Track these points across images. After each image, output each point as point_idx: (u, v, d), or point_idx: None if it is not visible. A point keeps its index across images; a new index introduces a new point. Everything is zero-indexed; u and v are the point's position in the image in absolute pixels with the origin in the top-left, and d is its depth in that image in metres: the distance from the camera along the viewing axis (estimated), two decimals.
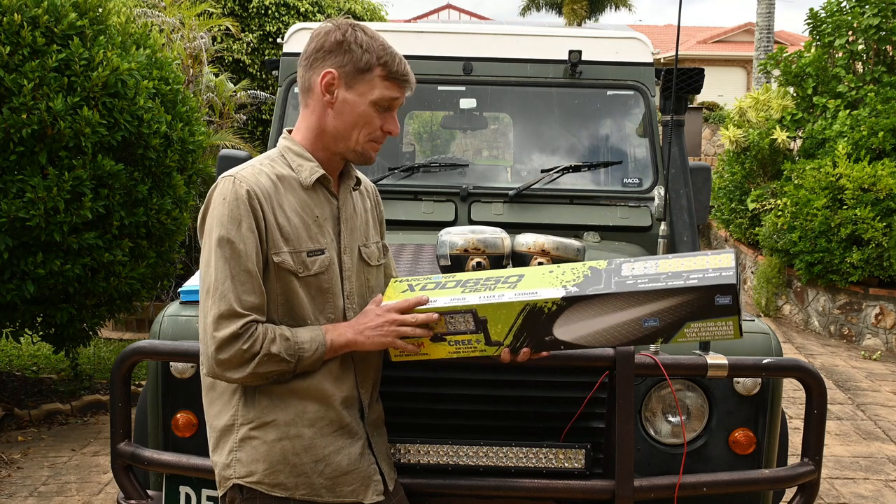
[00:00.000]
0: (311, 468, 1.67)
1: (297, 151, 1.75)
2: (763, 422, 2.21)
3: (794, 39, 21.58)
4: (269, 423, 1.66)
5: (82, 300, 4.38)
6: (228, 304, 1.57)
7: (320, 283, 1.70)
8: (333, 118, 1.71)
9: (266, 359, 1.58)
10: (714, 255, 1.65)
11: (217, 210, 1.62)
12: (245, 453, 1.66)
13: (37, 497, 3.72)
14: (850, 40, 8.46)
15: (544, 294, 1.63)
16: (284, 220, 1.66)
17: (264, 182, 1.66)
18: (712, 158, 15.17)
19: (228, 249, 1.59)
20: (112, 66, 4.07)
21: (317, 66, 1.71)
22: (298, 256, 1.66)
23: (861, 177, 7.12)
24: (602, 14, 28.38)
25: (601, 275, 1.66)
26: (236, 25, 10.16)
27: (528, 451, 2.09)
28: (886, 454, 4.59)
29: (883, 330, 7.27)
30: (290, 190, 1.70)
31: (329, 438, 1.70)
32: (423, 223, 3.26)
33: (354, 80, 1.69)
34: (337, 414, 1.71)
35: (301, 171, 1.72)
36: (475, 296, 1.67)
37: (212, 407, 1.73)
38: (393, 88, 1.71)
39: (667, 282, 1.59)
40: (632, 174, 3.45)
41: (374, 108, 1.70)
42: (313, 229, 1.71)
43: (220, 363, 1.58)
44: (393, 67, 1.70)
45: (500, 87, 3.54)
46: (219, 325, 1.57)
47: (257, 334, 1.58)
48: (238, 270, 1.59)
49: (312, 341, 1.63)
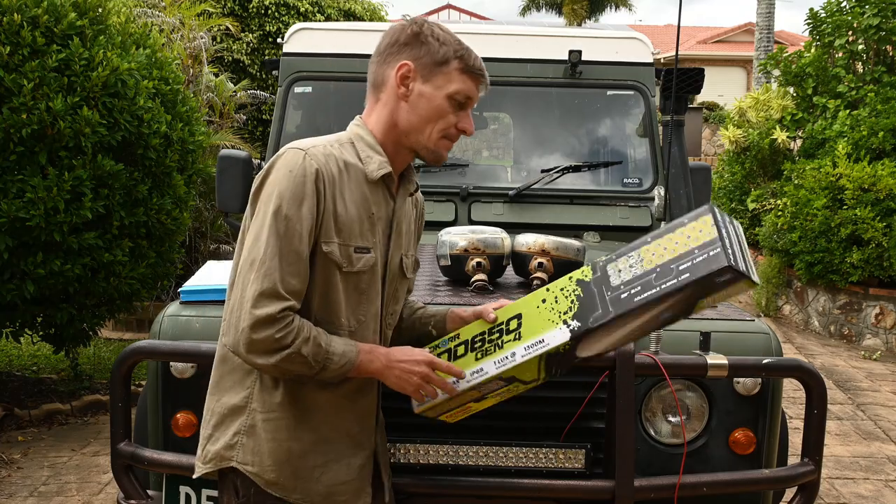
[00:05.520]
0: (311, 474, 1.65)
1: (369, 142, 1.69)
2: (763, 422, 2.21)
3: (794, 39, 21.58)
4: (283, 420, 1.62)
5: (82, 300, 4.38)
6: (272, 283, 1.51)
7: (359, 281, 1.65)
8: (408, 112, 1.66)
9: (294, 356, 1.52)
10: (692, 221, 1.56)
11: (281, 181, 1.55)
12: (253, 441, 1.62)
13: (37, 497, 3.72)
14: (850, 40, 8.47)
15: (552, 341, 1.62)
16: (343, 209, 1.60)
17: (332, 166, 1.60)
18: (712, 158, 15.18)
19: (284, 225, 1.52)
20: (112, 66, 4.06)
21: (391, 60, 1.67)
22: (346, 250, 1.61)
23: (861, 177, 7.12)
24: (602, 14, 28.42)
25: (593, 293, 1.61)
26: (236, 25, 10.16)
27: (528, 451, 2.09)
28: (886, 454, 4.58)
29: (883, 330, 7.27)
30: (353, 180, 1.64)
31: (336, 446, 1.67)
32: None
33: (431, 73, 1.65)
34: (350, 424, 1.69)
35: (369, 164, 1.66)
36: (490, 363, 1.66)
37: (223, 380, 1.67)
38: (469, 83, 1.67)
39: (660, 285, 1.54)
40: (632, 174, 3.45)
41: (449, 102, 1.66)
42: (366, 226, 1.65)
43: (249, 343, 1.50)
44: (470, 62, 1.67)
45: (500, 87, 3.53)
46: (258, 303, 1.50)
47: (293, 326, 1.52)
48: (289, 250, 1.52)
49: (343, 356, 1.57)
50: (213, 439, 1.66)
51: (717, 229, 1.52)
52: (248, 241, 1.57)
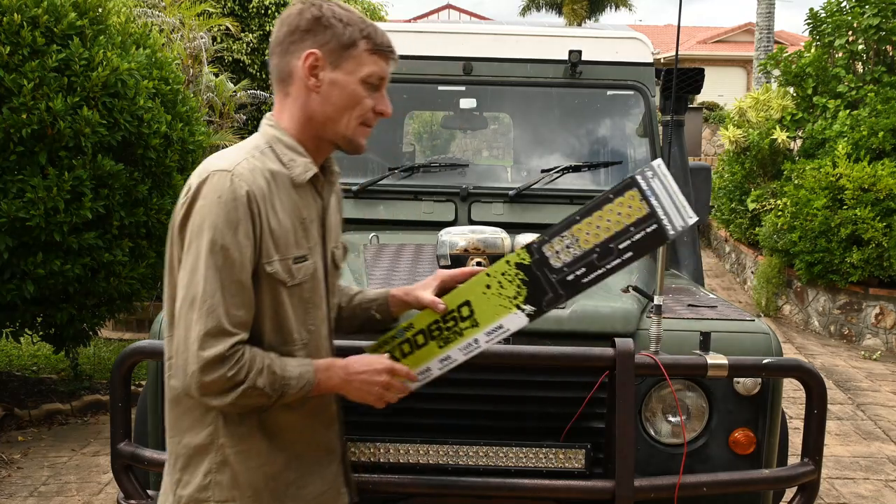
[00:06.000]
0: (288, 493, 1.60)
1: (288, 144, 1.57)
2: (763, 422, 2.21)
3: (794, 39, 21.58)
4: (254, 448, 1.55)
5: (82, 300, 4.38)
6: (217, 320, 1.42)
7: (303, 292, 1.56)
8: (321, 103, 1.55)
9: (249, 391, 1.45)
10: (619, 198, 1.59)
11: (211, 209, 1.44)
12: (227, 476, 1.54)
13: (37, 497, 3.72)
14: (850, 40, 8.47)
15: (511, 326, 1.66)
16: (277, 223, 1.51)
17: (260, 180, 1.49)
18: (712, 158, 15.18)
19: (221, 257, 1.43)
20: (112, 66, 4.07)
21: (294, 50, 1.55)
22: (286, 264, 1.52)
23: (861, 177, 7.12)
24: (602, 14, 28.39)
25: (537, 276, 1.64)
26: (236, 25, 10.16)
27: (528, 451, 2.09)
28: (886, 454, 4.58)
29: (883, 330, 7.27)
30: (282, 188, 1.53)
31: (309, 461, 1.63)
32: (423, 223, 3.26)
33: (340, 59, 1.54)
34: (318, 434, 1.65)
35: (294, 168, 1.55)
36: (455, 349, 1.68)
37: (180, 421, 1.57)
38: (381, 62, 1.57)
39: (605, 266, 1.59)
40: (632, 174, 3.45)
41: (364, 86, 1.56)
42: (300, 233, 1.56)
43: (201, 386, 1.43)
44: (378, 40, 1.57)
45: (500, 87, 3.54)
46: (204, 343, 1.42)
47: (245, 361, 1.44)
48: (230, 281, 1.43)
49: (300, 378, 1.50)
50: (182, 483, 1.57)
51: (648, 202, 1.55)
52: (184, 276, 1.47)
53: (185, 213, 1.48)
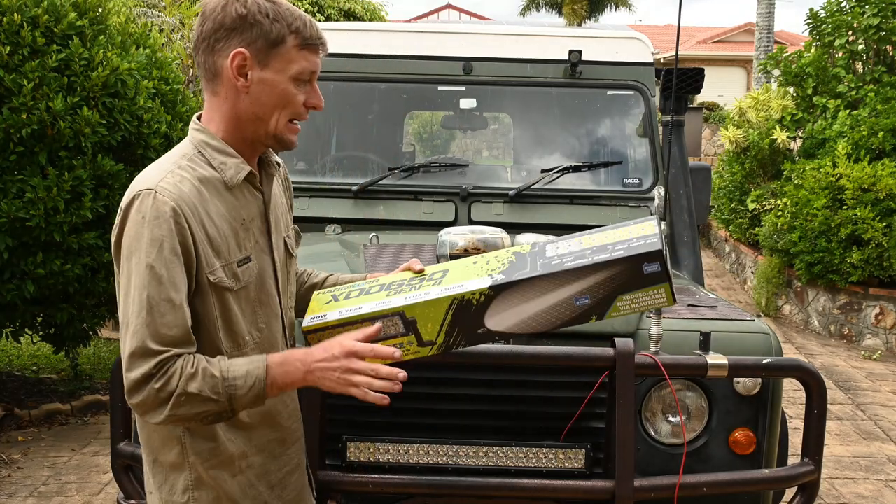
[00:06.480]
0: (269, 494, 1.59)
1: (217, 147, 1.52)
2: (763, 422, 2.22)
3: (794, 39, 21.58)
4: (224, 461, 1.52)
5: (82, 300, 4.38)
6: (140, 342, 1.38)
7: (249, 293, 1.53)
8: (251, 104, 1.50)
9: (184, 399, 1.38)
10: (637, 223, 1.59)
11: (135, 231, 1.41)
12: (205, 493, 1.52)
13: (37, 497, 3.72)
14: (850, 40, 8.47)
15: (471, 286, 1.55)
16: (214, 230, 1.47)
17: (188, 191, 1.44)
18: (712, 158, 15.18)
19: (148, 276, 1.39)
20: (112, 66, 4.07)
21: (221, 49, 1.48)
22: (230, 269, 1.49)
23: (861, 177, 7.12)
24: (602, 14, 28.43)
25: (526, 259, 1.60)
26: None
27: (528, 451, 2.09)
28: (886, 454, 4.59)
29: (883, 330, 7.27)
30: (214, 194, 1.49)
31: (282, 460, 1.62)
32: (423, 223, 3.26)
33: (268, 57, 1.48)
34: (285, 431, 1.63)
35: (225, 171, 1.51)
36: (401, 297, 1.57)
37: (152, 438, 1.55)
38: (311, 57, 1.52)
39: (592, 257, 1.54)
40: (632, 174, 3.45)
41: (294, 83, 1.51)
42: (241, 235, 1.52)
43: (136, 406, 1.40)
44: (307, 33, 1.50)
45: (500, 87, 3.54)
46: (131, 365, 1.38)
47: (173, 370, 1.38)
48: (158, 300, 1.39)
49: (248, 376, 1.42)
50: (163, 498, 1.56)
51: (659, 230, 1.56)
52: (119, 300, 1.45)
53: (118, 237, 1.46)
